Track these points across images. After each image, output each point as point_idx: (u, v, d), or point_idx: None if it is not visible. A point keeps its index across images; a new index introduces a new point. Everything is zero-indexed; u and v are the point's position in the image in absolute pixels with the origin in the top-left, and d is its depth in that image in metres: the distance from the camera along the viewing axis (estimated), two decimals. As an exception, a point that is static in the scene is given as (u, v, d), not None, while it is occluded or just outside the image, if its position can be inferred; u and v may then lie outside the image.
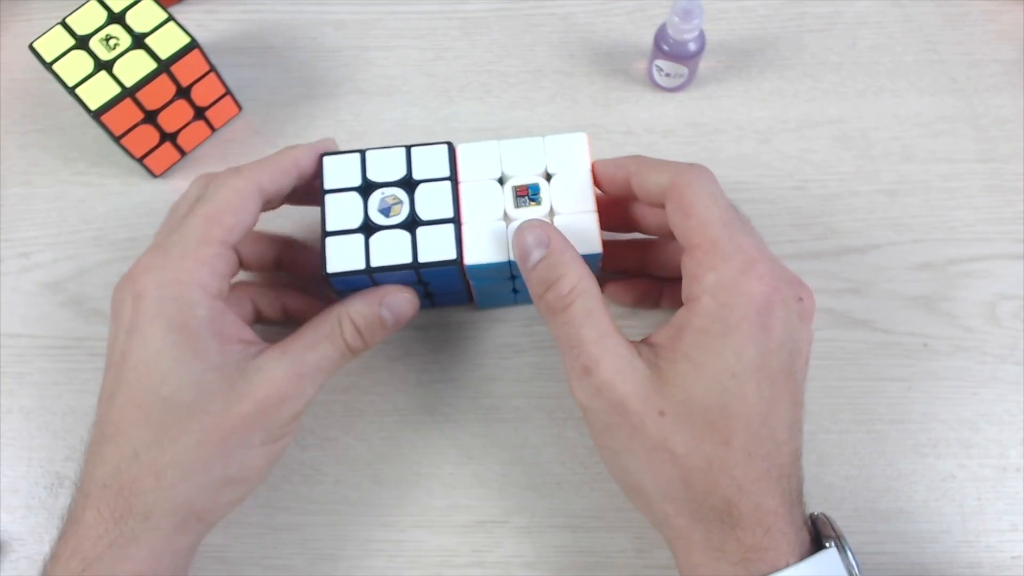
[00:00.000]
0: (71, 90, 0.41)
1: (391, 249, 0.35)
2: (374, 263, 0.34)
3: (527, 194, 0.36)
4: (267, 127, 0.47)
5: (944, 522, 0.39)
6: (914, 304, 0.42)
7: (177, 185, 0.46)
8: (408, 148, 0.37)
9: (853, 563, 0.30)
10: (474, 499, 0.40)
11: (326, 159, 0.36)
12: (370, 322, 0.35)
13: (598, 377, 0.31)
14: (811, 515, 0.32)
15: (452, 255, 0.35)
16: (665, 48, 0.44)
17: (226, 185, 0.34)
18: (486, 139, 0.37)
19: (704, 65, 0.47)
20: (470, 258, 0.35)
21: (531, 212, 0.36)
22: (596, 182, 0.36)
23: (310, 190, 0.37)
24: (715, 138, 0.46)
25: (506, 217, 0.36)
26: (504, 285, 0.39)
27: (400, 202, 0.35)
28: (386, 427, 0.41)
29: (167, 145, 0.45)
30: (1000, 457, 0.40)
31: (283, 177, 0.35)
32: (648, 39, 0.46)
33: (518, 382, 0.41)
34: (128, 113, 0.42)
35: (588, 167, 0.37)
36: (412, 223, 0.35)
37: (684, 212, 0.32)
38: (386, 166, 0.36)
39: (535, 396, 0.41)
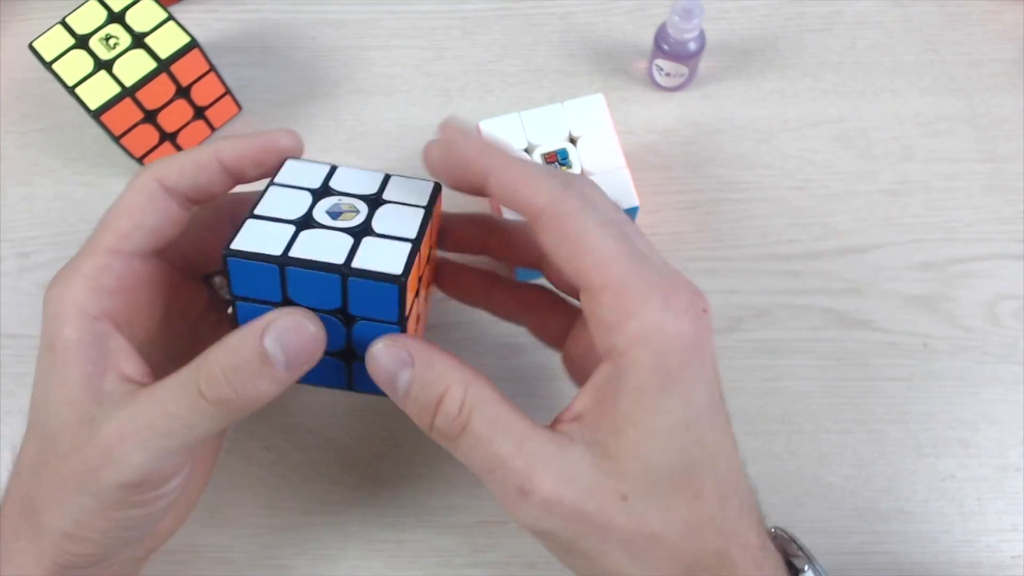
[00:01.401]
0: (71, 90, 0.41)
1: (322, 246, 0.27)
2: (293, 253, 0.26)
3: (556, 160, 0.36)
4: (267, 127, 0.47)
5: (944, 522, 0.39)
6: (914, 304, 0.42)
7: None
8: (387, 175, 0.32)
9: None
10: (474, 499, 0.40)
11: (289, 162, 0.31)
12: (244, 361, 0.26)
13: (539, 495, 0.25)
14: (770, 531, 0.31)
15: (398, 270, 0.26)
16: (665, 48, 0.44)
17: (129, 184, 0.29)
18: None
19: (704, 65, 0.47)
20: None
21: None
22: (435, 167, 0.31)
23: None
24: (715, 138, 0.46)
25: None
26: None
27: (356, 211, 0.29)
28: (386, 427, 0.41)
29: (167, 145, 0.45)
30: (1000, 457, 0.40)
31: (198, 172, 0.29)
32: (648, 39, 0.46)
33: (518, 382, 0.41)
34: (128, 113, 0.42)
35: (611, 126, 0.37)
36: (362, 231, 0.28)
37: (574, 247, 0.26)
38: (355, 182, 0.31)
39: (535, 396, 0.41)
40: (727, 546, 0.27)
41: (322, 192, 0.30)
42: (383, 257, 0.27)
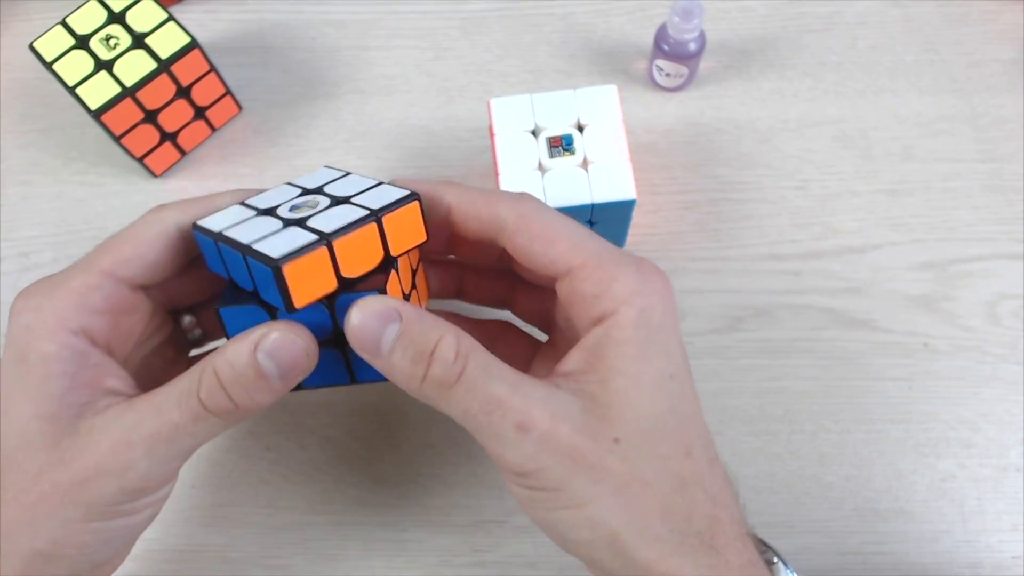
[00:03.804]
0: (71, 90, 0.41)
1: (255, 231, 0.27)
2: (228, 232, 0.27)
3: (561, 144, 0.37)
4: (267, 127, 0.47)
5: (944, 522, 0.39)
6: (914, 304, 0.42)
7: (177, 185, 0.46)
8: (379, 183, 0.30)
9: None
10: (474, 499, 0.40)
11: (323, 168, 0.32)
12: (241, 374, 0.26)
13: (537, 429, 0.26)
14: None
15: (277, 253, 0.26)
16: (665, 48, 0.44)
17: (144, 215, 0.30)
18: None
19: (704, 65, 0.47)
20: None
21: (565, 161, 0.37)
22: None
23: None
24: (715, 138, 0.46)
25: (540, 167, 0.37)
26: None
27: (315, 207, 0.29)
28: (386, 427, 0.41)
29: (167, 145, 0.45)
30: (1000, 457, 0.40)
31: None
32: (648, 39, 0.46)
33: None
34: (128, 113, 0.42)
35: (620, 117, 0.38)
36: (294, 222, 0.28)
37: (545, 239, 0.29)
38: (346, 186, 0.30)
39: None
40: (717, 511, 0.27)
41: (313, 192, 0.30)
42: (284, 243, 0.26)
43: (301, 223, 0.28)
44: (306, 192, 0.30)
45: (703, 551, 0.26)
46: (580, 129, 0.38)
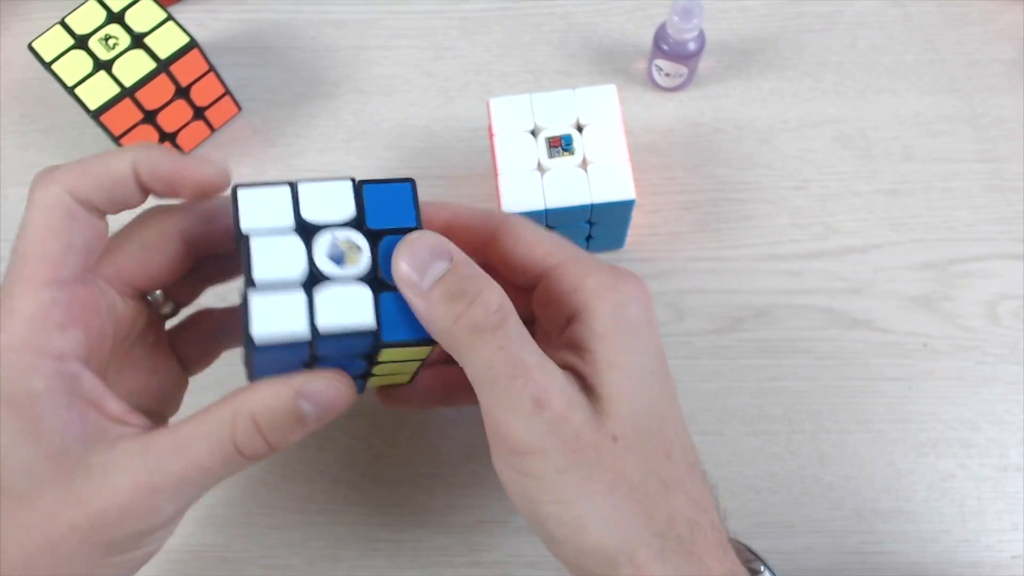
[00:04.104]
0: (70, 90, 0.41)
1: (345, 306, 0.26)
2: (320, 326, 0.25)
3: (560, 144, 0.37)
4: (267, 127, 0.47)
5: (944, 522, 0.39)
6: (914, 304, 0.42)
7: (177, 185, 0.46)
8: (355, 183, 0.28)
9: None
10: (473, 498, 0.40)
11: (240, 193, 0.27)
12: (280, 419, 0.26)
13: (552, 409, 0.26)
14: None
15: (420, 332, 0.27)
16: (665, 48, 0.44)
17: (36, 202, 0.26)
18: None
19: (704, 65, 0.47)
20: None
21: (565, 161, 0.37)
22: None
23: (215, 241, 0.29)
24: (715, 138, 0.46)
25: (540, 167, 0.37)
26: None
27: (356, 248, 0.27)
28: (386, 427, 0.41)
29: (166, 145, 0.45)
30: (1000, 457, 0.40)
31: (114, 186, 0.27)
32: (648, 39, 0.46)
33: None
34: (127, 113, 0.42)
35: (619, 117, 0.38)
36: (374, 281, 0.27)
37: (528, 243, 0.30)
38: (329, 203, 0.28)
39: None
40: (697, 517, 0.27)
41: (302, 227, 0.27)
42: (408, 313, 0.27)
43: (383, 284, 0.27)
44: (304, 229, 0.27)
45: (684, 557, 0.26)
46: (579, 129, 0.38)
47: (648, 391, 0.28)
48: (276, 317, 0.25)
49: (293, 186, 0.27)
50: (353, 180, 0.28)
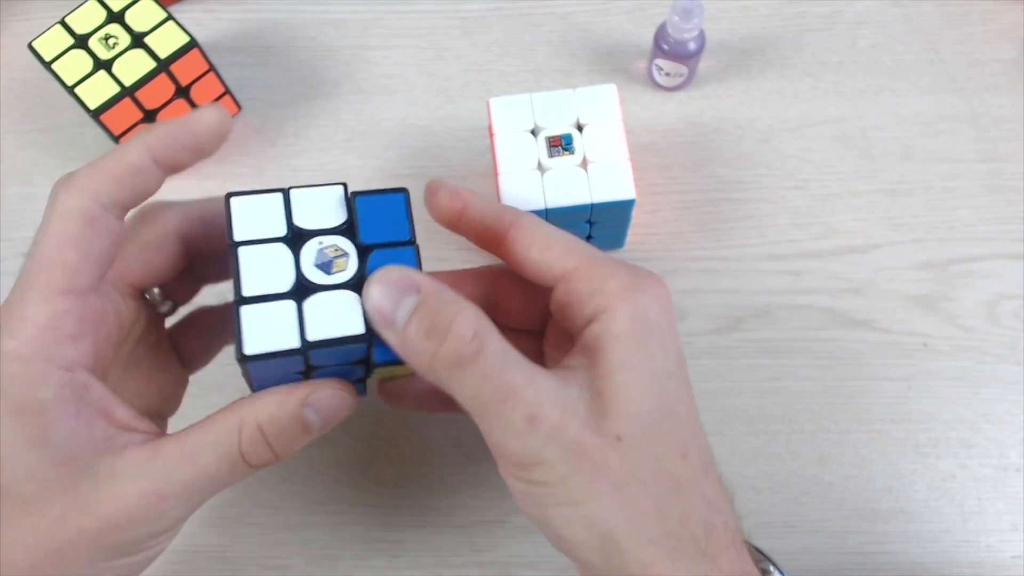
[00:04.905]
0: (70, 89, 0.41)
1: (334, 316, 0.26)
2: (310, 335, 0.26)
3: (560, 144, 0.37)
4: (267, 127, 0.47)
5: (944, 522, 0.39)
6: (914, 304, 0.42)
7: (175, 185, 0.46)
8: (347, 191, 0.29)
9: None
10: (474, 499, 0.40)
11: (233, 202, 0.28)
12: (285, 428, 0.27)
13: (547, 424, 0.26)
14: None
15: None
16: (665, 47, 0.44)
17: (57, 209, 0.26)
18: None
19: (704, 65, 0.47)
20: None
21: (565, 161, 0.37)
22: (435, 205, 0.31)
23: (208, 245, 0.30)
24: (715, 138, 0.46)
25: (540, 167, 0.37)
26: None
27: (344, 254, 0.27)
28: (386, 427, 0.41)
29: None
30: (1000, 457, 0.40)
31: (136, 178, 0.28)
32: (648, 38, 0.46)
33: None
34: (127, 112, 0.42)
35: (619, 117, 0.38)
36: (361, 282, 0.27)
37: (543, 245, 0.29)
38: (320, 209, 0.28)
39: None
40: (711, 517, 0.27)
41: (295, 236, 0.27)
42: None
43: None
44: (296, 238, 0.28)
45: (697, 557, 0.26)
46: (580, 129, 0.38)
47: (662, 392, 0.27)
48: (267, 331, 0.26)
49: (285, 193, 0.28)
50: (345, 187, 0.28)
